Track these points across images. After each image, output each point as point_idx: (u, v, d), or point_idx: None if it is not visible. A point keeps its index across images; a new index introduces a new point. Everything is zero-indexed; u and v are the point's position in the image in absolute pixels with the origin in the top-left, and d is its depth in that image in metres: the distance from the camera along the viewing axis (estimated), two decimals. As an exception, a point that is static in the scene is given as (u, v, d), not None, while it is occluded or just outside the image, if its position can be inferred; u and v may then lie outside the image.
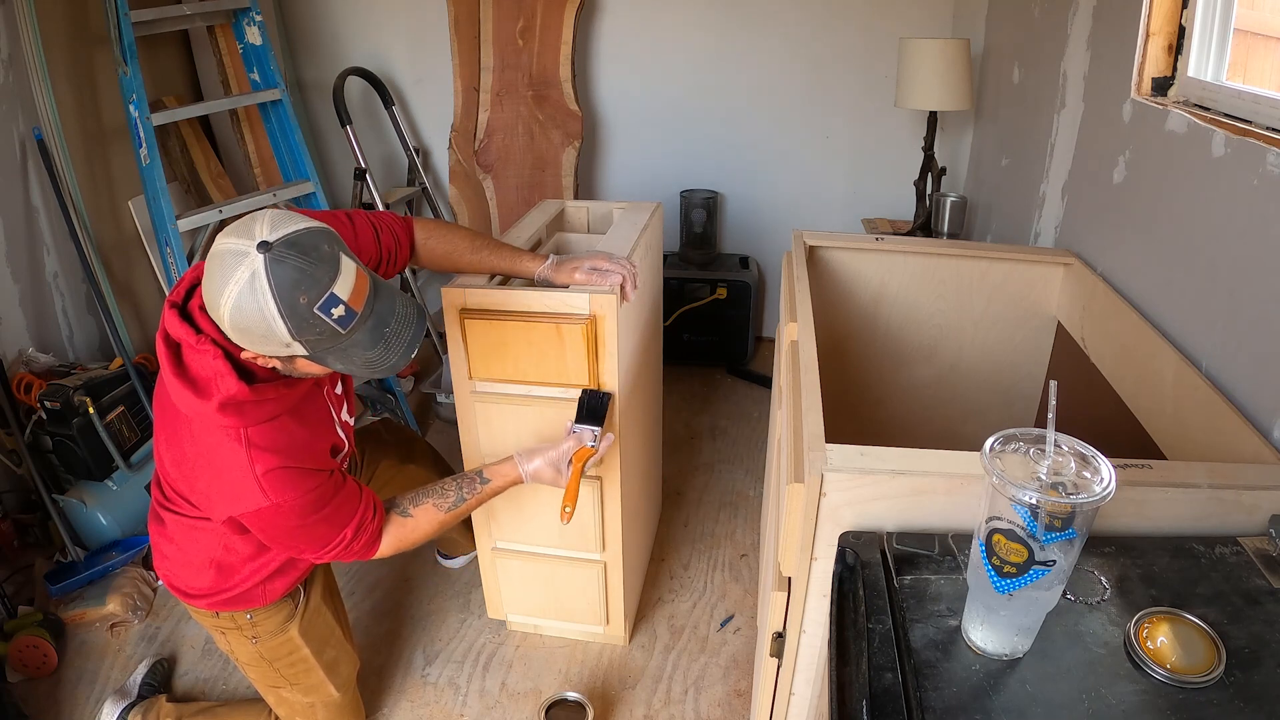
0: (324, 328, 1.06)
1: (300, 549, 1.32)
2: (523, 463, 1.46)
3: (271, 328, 1.04)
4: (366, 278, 1.11)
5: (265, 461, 1.17)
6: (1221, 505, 0.98)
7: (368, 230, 1.43)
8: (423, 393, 3.09)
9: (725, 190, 3.25)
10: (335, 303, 1.06)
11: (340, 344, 1.10)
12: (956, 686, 0.80)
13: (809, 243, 1.87)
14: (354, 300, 1.08)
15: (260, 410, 1.16)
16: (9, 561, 2.20)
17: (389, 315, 1.14)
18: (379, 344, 1.12)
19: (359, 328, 1.10)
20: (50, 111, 2.38)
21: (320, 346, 1.09)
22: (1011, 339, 1.92)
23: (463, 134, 3.05)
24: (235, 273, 1.02)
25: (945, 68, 2.39)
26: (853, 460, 1.01)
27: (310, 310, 1.04)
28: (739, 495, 2.52)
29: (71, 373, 2.28)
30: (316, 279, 1.04)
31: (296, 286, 1.03)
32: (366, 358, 1.12)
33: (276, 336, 1.05)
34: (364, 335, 1.11)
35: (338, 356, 1.11)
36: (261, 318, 1.03)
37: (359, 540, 1.33)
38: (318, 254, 1.05)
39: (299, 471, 1.21)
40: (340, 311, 1.06)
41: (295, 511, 1.22)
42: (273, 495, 1.18)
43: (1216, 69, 1.48)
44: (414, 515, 1.40)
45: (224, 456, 1.17)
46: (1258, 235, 1.19)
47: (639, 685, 1.86)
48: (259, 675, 1.54)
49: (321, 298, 1.04)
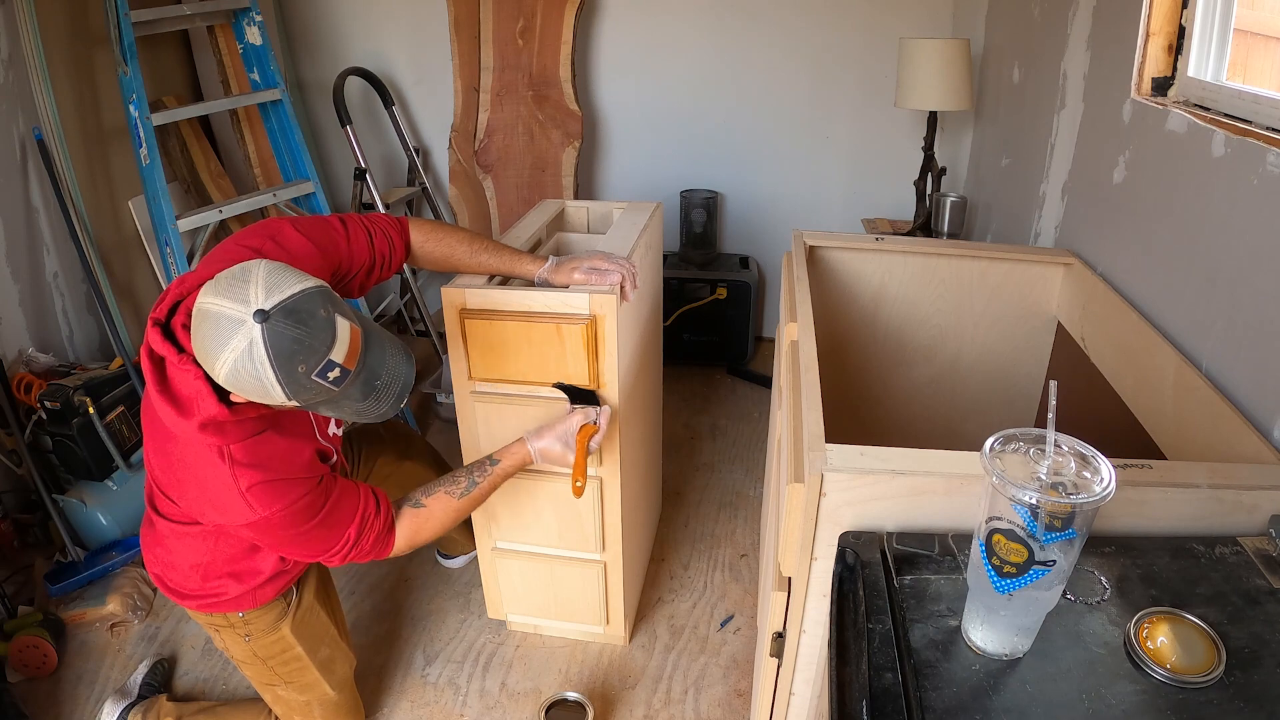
0: (320, 390, 1.08)
1: (307, 555, 1.32)
2: (532, 440, 1.47)
3: (269, 391, 1.05)
4: (359, 334, 1.12)
5: (249, 477, 1.17)
6: (1221, 505, 0.98)
7: (361, 235, 1.43)
8: (423, 393, 3.09)
9: (725, 190, 3.25)
10: (331, 367, 1.07)
11: (333, 399, 1.12)
12: (956, 686, 0.80)
13: (809, 243, 1.87)
14: (348, 361, 1.09)
15: (241, 429, 1.17)
16: (9, 561, 2.20)
17: (380, 368, 1.15)
18: (370, 397, 1.15)
19: (352, 384, 1.12)
20: (50, 111, 2.38)
21: (314, 403, 1.12)
22: (1011, 339, 1.92)
23: (463, 134, 3.05)
24: (232, 340, 1.02)
25: (945, 68, 2.39)
26: (853, 460, 1.01)
27: (308, 377, 1.06)
28: (739, 495, 2.52)
29: (71, 373, 2.28)
30: (314, 349, 1.05)
31: (294, 356, 1.03)
32: (357, 408, 1.15)
33: (273, 398, 1.07)
34: (356, 390, 1.13)
35: (329, 408, 1.15)
36: (259, 383, 1.04)
37: (366, 538, 1.33)
38: (315, 321, 1.05)
39: (284, 483, 1.21)
40: (336, 374, 1.08)
41: (287, 522, 1.22)
42: (260, 509, 1.18)
43: (1216, 69, 1.48)
44: (427, 505, 1.40)
45: (209, 472, 1.18)
46: (1258, 235, 1.19)
47: (639, 685, 1.86)
48: (254, 673, 1.55)
49: (319, 366, 1.06)
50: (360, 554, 1.34)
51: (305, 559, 1.35)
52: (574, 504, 1.70)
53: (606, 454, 1.65)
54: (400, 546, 1.39)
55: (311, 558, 1.33)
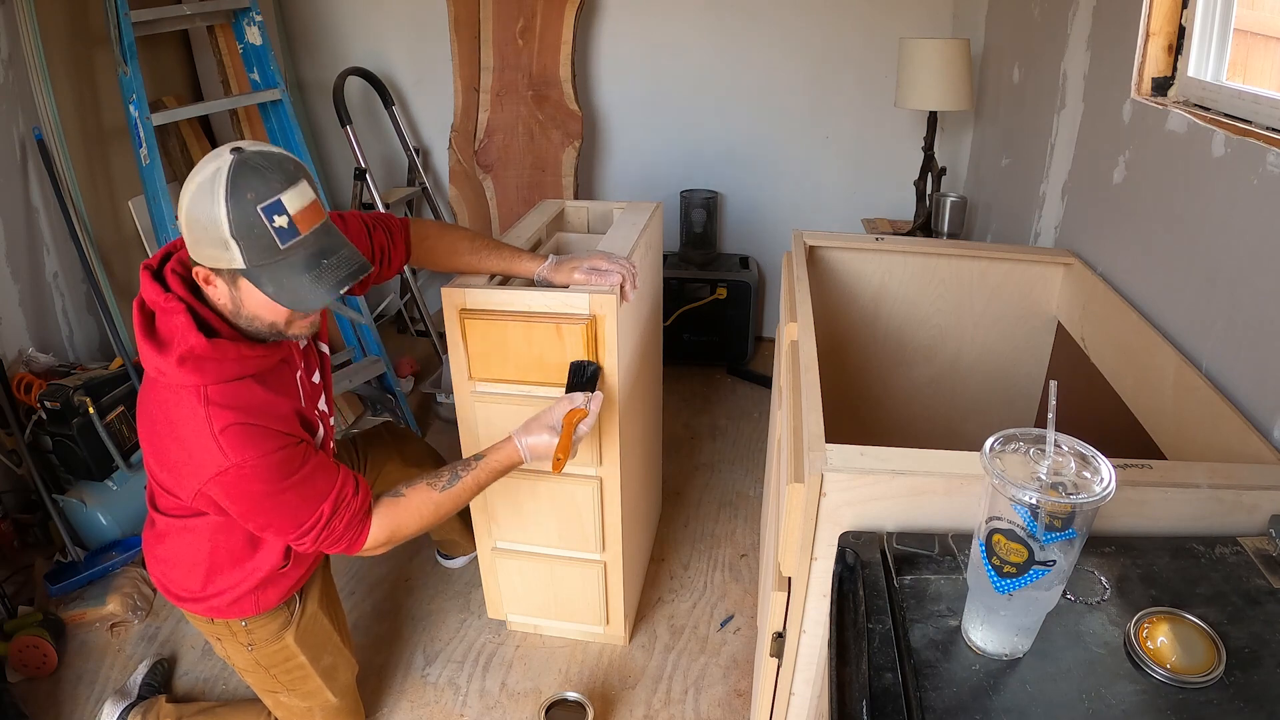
0: (263, 232, 1.08)
1: (276, 526, 1.25)
2: (520, 437, 1.42)
3: (215, 217, 1.06)
4: (321, 211, 1.14)
5: (223, 418, 1.15)
6: (1221, 505, 0.98)
7: (359, 226, 1.44)
8: (423, 393, 3.09)
9: (725, 190, 3.25)
10: (280, 210, 1.08)
11: (275, 260, 1.10)
12: (956, 686, 0.80)
13: (809, 243, 1.87)
14: (300, 221, 1.10)
15: (221, 369, 1.16)
16: (9, 561, 2.20)
17: (330, 252, 1.15)
18: (312, 271, 1.12)
19: (297, 250, 1.11)
20: (50, 111, 2.38)
21: (256, 257, 1.09)
22: (1011, 339, 1.92)
23: (463, 134, 3.05)
24: (204, 170, 1.08)
25: (945, 68, 2.39)
26: (853, 460, 1.01)
27: (253, 208, 1.06)
28: (739, 495, 2.52)
29: (71, 373, 2.28)
30: (268, 181, 1.08)
31: (249, 184, 1.07)
32: (297, 283, 1.12)
33: (218, 232, 1.07)
34: (299, 258, 1.12)
35: (270, 276, 1.11)
36: (210, 207, 1.06)
37: (340, 518, 1.27)
38: (280, 167, 1.10)
39: (259, 430, 1.18)
40: (283, 222, 1.08)
41: (258, 474, 1.17)
42: (231, 454, 1.15)
43: (1216, 69, 1.48)
44: (406, 495, 1.35)
45: (184, 417, 1.16)
46: (1258, 235, 1.19)
47: (639, 685, 1.86)
48: (256, 680, 1.54)
49: (267, 199, 1.07)
50: (332, 537, 1.28)
51: (275, 535, 1.28)
52: (574, 504, 1.70)
53: (606, 454, 1.65)
54: (377, 537, 1.32)
55: (281, 534, 1.27)
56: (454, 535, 2.08)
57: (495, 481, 1.44)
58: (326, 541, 1.29)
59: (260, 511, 1.23)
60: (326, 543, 1.29)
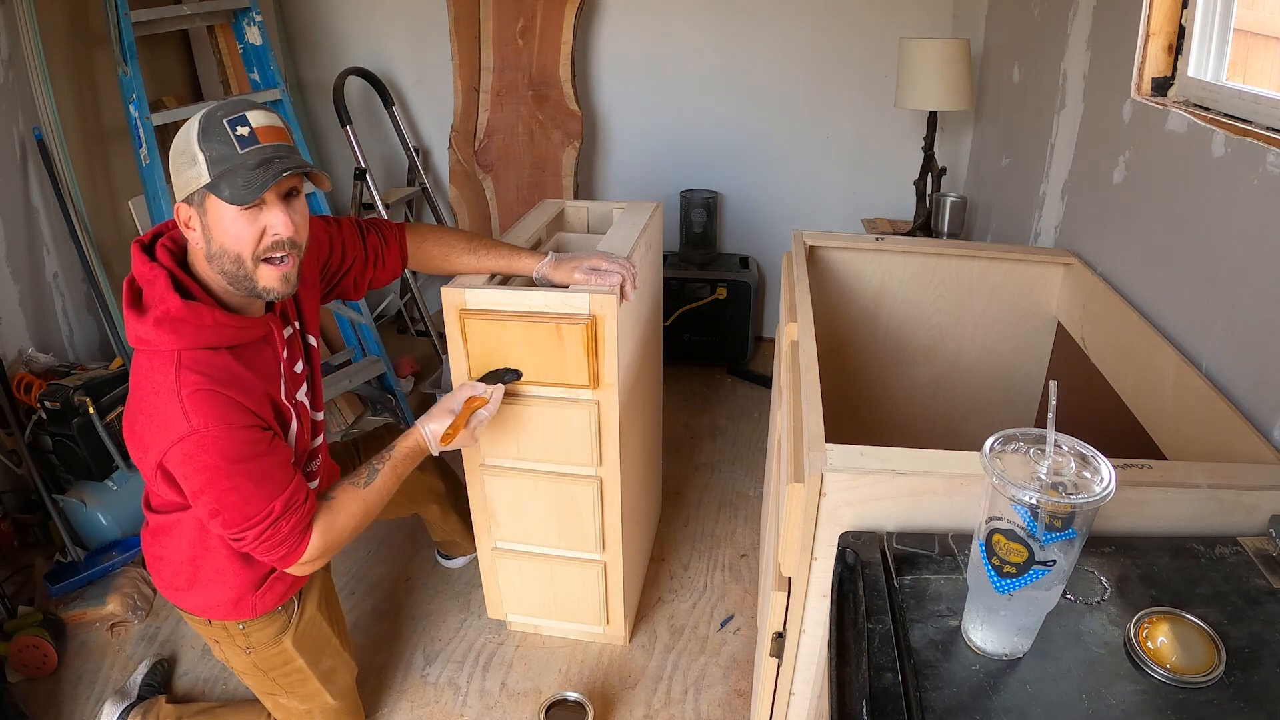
0: (226, 140, 1.15)
1: (225, 514, 1.22)
2: (423, 424, 1.46)
3: (188, 136, 1.15)
4: (286, 136, 1.21)
5: (191, 382, 1.16)
6: (1221, 505, 0.98)
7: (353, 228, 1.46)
8: (423, 393, 3.09)
9: (725, 190, 3.25)
10: (243, 123, 1.17)
11: (233, 164, 1.15)
12: (956, 686, 0.80)
13: (809, 243, 1.87)
14: (261, 134, 1.18)
15: (198, 334, 1.18)
16: (9, 561, 2.20)
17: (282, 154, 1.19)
18: (261, 167, 1.17)
19: (253, 155, 1.16)
20: (50, 111, 2.38)
21: (218, 165, 1.15)
22: (1011, 339, 1.92)
23: (463, 134, 3.05)
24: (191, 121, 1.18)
25: (945, 68, 2.39)
26: (853, 460, 1.01)
27: (220, 122, 1.16)
28: (739, 495, 2.52)
29: (71, 373, 2.28)
30: (236, 105, 1.18)
31: (221, 108, 1.18)
32: (248, 178, 1.16)
33: (189, 149, 1.15)
34: (254, 160, 1.17)
35: (228, 180, 1.16)
36: (186, 132, 1.16)
37: (288, 520, 1.25)
38: (250, 100, 1.21)
39: (225, 399, 1.18)
40: (244, 131, 1.16)
41: (218, 445, 1.16)
42: (194, 418, 1.15)
43: (1216, 69, 1.48)
44: (336, 497, 1.35)
45: (156, 383, 1.18)
46: (1258, 235, 1.19)
47: (639, 685, 1.86)
48: (255, 683, 1.54)
49: (235, 114, 1.17)
50: (276, 538, 1.26)
51: (222, 526, 1.24)
52: (574, 504, 1.70)
53: (606, 454, 1.65)
54: (316, 545, 1.30)
55: (228, 524, 1.23)
56: (454, 535, 2.08)
57: (410, 469, 1.46)
58: (269, 543, 1.26)
59: (211, 489, 1.20)
60: (268, 544, 1.26)
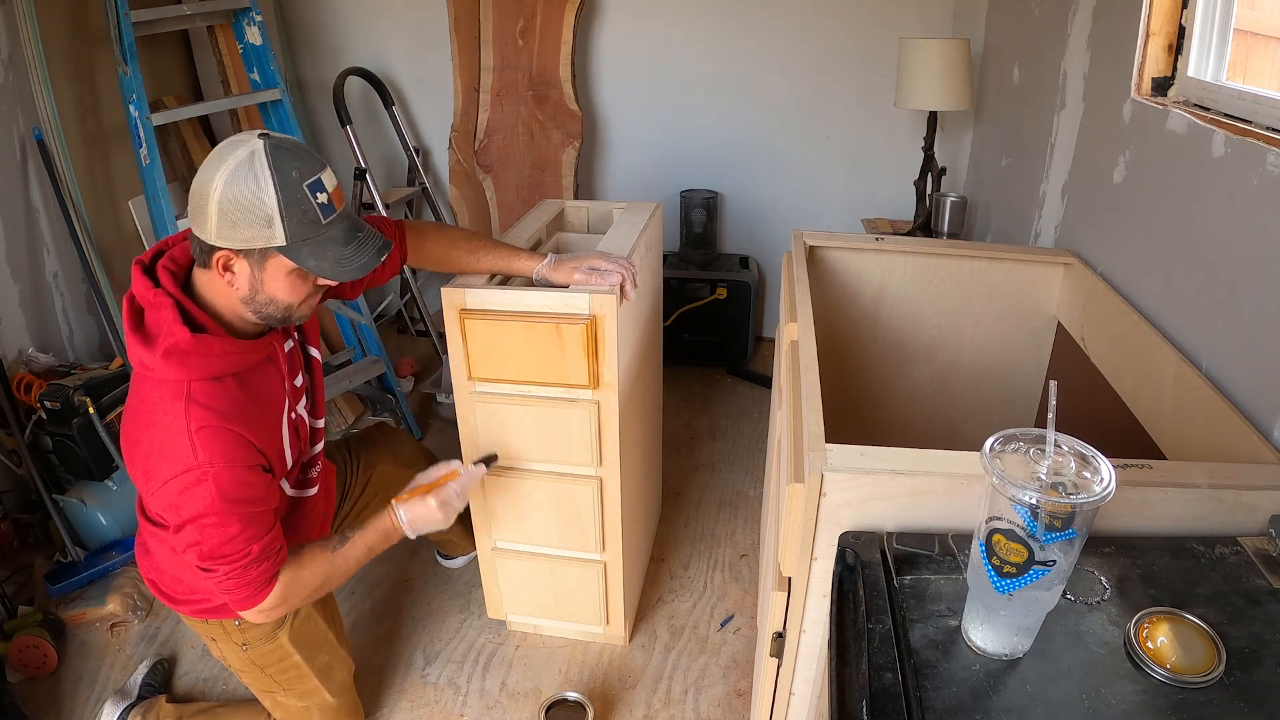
0: (309, 208, 1.13)
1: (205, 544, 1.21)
2: (398, 508, 1.44)
3: (261, 198, 1.10)
4: (344, 193, 1.21)
5: (200, 418, 1.16)
6: (1221, 505, 0.98)
7: None
8: (423, 393, 3.09)
9: (725, 190, 3.25)
10: (321, 188, 1.14)
11: (318, 235, 1.14)
12: (956, 686, 0.80)
13: (809, 243, 1.87)
14: (335, 199, 1.17)
15: (205, 364, 1.17)
16: (9, 561, 2.20)
17: (360, 226, 1.22)
18: (352, 243, 1.17)
19: (336, 224, 1.17)
20: (50, 111, 2.38)
21: (300, 233, 1.13)
22: (1011, 339, 1.92)
23: (463, 134, 3.05)
24: (234, 153, 1.10)
25: (945, 68, 2.39)
26: (853, 460, 1.01)
27: (300, 185, 1.12)
28: (739, 495, 2.52)
29: (71, 373, 2.28)
30: (307, 161, 1.14)
31: (291, 164, 1.12)
32: (339, 254, 1.16)
33: (263, 210, 1.10)
34: (339, 232, 1.17)
35: (313, 250, 1.15)
36: (254, 188, 1.09)
37: (259, 565, 1.25)
38: (309, 151, 1.17)
39: (234, 436, 1.18)
40: (324, 199, 1.15)
41: (218, 482, 1.16)
42: (202, 453, 1.15)
43: (1216, 69, 1.48)
44: (303, 554, 1.35)
45: (164, 413, 1.17)
46: (1258, 235, 1.19)
47: (639, 685, 1.86)
48: (253, 680, 1.54)
49: (311, 177, 1.13)
50: (244, 578, 1.25)
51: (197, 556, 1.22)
52: (574, 504, 1.70)
53: (606, 454, 1.65)
54: (277, 594, 1.29)
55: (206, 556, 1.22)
56: (454, 535, 2.08)
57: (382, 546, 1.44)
58: (235, 581, 1.25)
59: (198, 522, 1.19)
60: (234, 582, 1.25)
